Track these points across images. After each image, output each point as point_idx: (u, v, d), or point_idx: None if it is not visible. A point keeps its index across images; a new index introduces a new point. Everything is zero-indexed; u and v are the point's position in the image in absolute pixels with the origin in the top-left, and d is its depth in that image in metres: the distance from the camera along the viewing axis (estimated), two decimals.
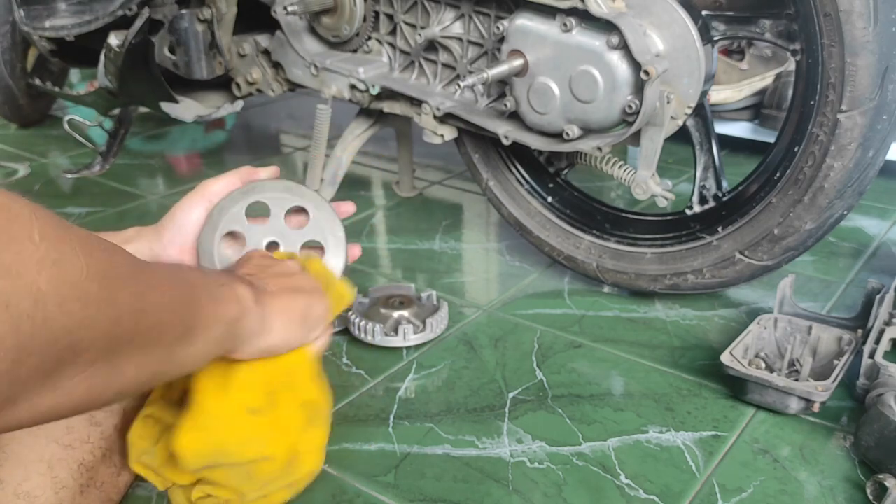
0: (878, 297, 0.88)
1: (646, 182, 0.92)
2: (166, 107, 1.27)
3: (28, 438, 0.63)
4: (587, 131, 0.92)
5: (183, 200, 0.74)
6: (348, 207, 0.82)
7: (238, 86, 1.25)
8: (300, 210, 0.78)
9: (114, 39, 1.16)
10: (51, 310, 0.36)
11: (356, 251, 0.80)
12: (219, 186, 0.75)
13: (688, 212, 1.01)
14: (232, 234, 0.77)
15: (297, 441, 0.66)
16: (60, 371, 0.39)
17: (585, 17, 0.85)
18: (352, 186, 1.46)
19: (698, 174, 0.99)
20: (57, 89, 1.48)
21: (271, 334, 0.61)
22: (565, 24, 0.86)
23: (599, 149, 0.93)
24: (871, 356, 0.82)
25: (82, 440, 0.65)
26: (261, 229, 0.77)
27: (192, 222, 0.74)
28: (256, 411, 0.62)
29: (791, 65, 1.43)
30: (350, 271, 1.15)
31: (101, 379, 0.42)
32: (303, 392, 0.67)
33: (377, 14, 1.08)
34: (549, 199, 1.10)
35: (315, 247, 0.79)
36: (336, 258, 0.78)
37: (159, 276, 0.48)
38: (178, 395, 0.66)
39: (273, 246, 0.78)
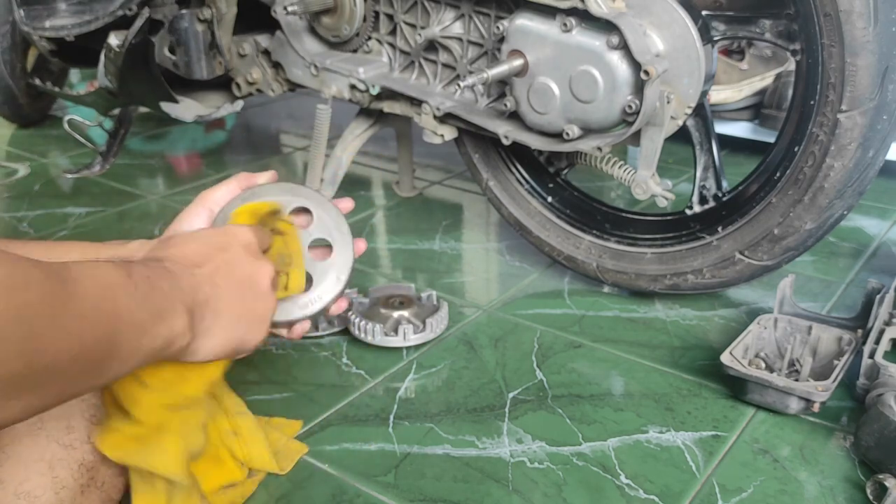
0: (878, 297, 0.88)
1: (646, 182, 0.92)
2: (166, 107, 1.27)
3: (28, 438, 0.63)
4: (587, 131, 0.92)
5: (184, 213, 0.73)
6: (347, 204, 0.81)
7: (238, 86, 1.25)
8: (303, 210, 0.78)
9: (114, 39, 1.16)
10: None
11: (362, 245, 0.79)
12: (219, 194, 0.74)
13: (688, 212, 1.01)
14: None
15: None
16: None
17: (585, 17, 0.85)
18: (352, 186, 1.46)
19: (698, 174, 0.99)
20: (57, 89, 1.47)
21: (193, 356, 0.61)
22: (565, 24, 0.86)
23: (599, 149, 0.93)
24: (871, 356, 0.82)
25: (83, 440, 0.65)
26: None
27: (194, 228, 0.73)
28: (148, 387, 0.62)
29: (791, 65, 1.43)
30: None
31: None
32: (187, 386, 0.65)
33: (377, 14, 1.08)
34: (549, 199, 1.10)
35: (322, 245, 0.79)
36: (343, 254, 0.77)
37: (78, 307, 0.46)
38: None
39: None
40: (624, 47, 0.83)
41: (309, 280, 0.76)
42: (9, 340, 0.40)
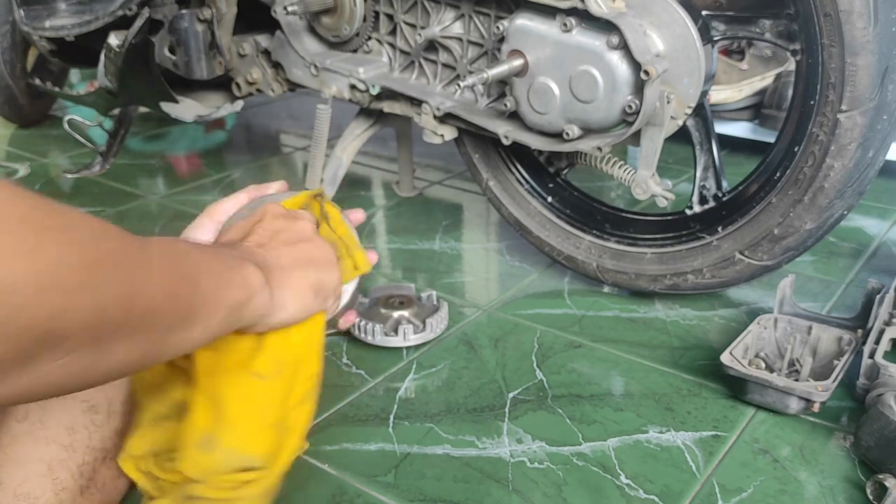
0: (878, 297, 0.88)
1: (646, 182, 0.92)
2: (166, 107, 1.27)
3: (28, 440, 0.63)
4: (587, 131, 0.92)
5: (192, 225, 0.71)
6: (358, 215, 0.80)
7: (238, 86, 1.25)
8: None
9: (114, 39, 1.16)
10: (27, 297, 0.36)
11: (373, 257, 0.78)
12: (227, 206, 0.72)
13: (688, 212, 1.01)
14: None
15: (288, 416, 0.64)
16: (38, 356, 0.38)
17: (585, 17, 0.85)
18: (352, 186, 1.46)
19: (698, 174, 0.99)
20: (57, 89, 1.48)
21: (282, 312, 0.59)
22: (565, 24, 0.86)
23: (599, 149, 0.93)
24: (871, 356, 0.82)
25: (83, 441, 0.65)
26: None
27: (201, 241, 0.71)
28: (262, 376, 0.60)
29: (791, 65, 1.43)
30: None
31: (83, 364, 0.41)
32: (309, 364, 0.65)
33: (377, 14, 1.08)
34: (549, 199, 1.10)
35: None
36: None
37: (157, 260, 0.46)
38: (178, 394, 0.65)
39: None
40: (624, 47, 0.83)
41: None
42: (106, 285, 0.41)
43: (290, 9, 1.07)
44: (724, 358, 0.82)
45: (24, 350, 0.37)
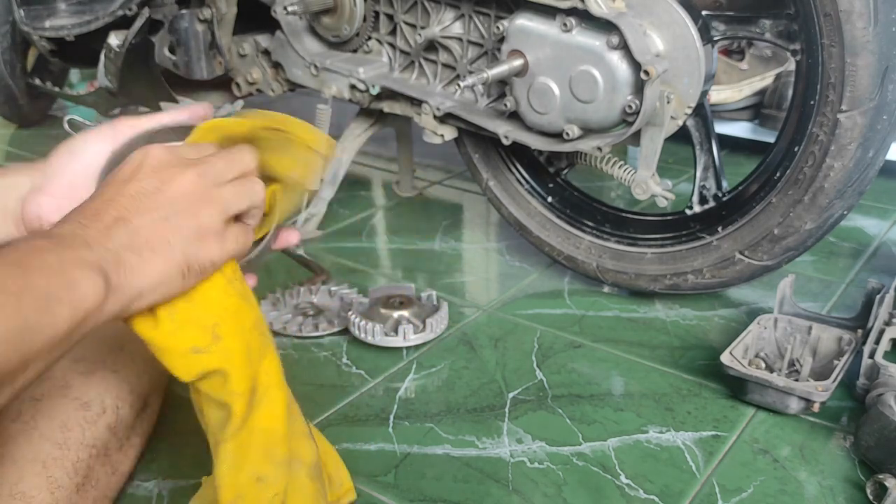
0: (878, 297, 0.88)
1: (646, 182, 0.92)
2: (166, 107, 1.27)
3: (21, 438, 0.63)
4: (587, 131, 0.91)
5: (88, 133, 0.63)
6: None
7: (238, 86, 1.25)
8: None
9: (114, 39, 1.16)
10: None
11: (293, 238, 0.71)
12: (135, 122, 0.63)
13: (688, 212, 1.01)
14: None
15: (258, 371, 0.58)
16: None
17: (585, 17, 0.85)
18: (352, 186, 1.46)
19: (698, 174, 0.99)
20: (57, 89, 1.48)
21: (140, 301, 0.51)
22: (565, 24, 0.86)
23: (599, 149, 0.93)
24: (871, 356, 0.82)
25: (76, 438, 0.65)
26: None
27: (89, 151, 0.61)
28: (201, 350, 0.55)
29: (791, 65, 1.43)
30: (350, 271, 1.15)
31: None
32: (244, 316, 0.58)
33: (377, 14, 1.08)
34: (549, 199, 1.10)
35: None
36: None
37: None
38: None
39: None
40: (624, 47, 0.83)
41: None
42: None
43: (290, 9, 1.07)
44: (724, 358, 0.82)
45: None
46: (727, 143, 1.54)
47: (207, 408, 0.58)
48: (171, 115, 0.63)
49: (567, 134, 0.91)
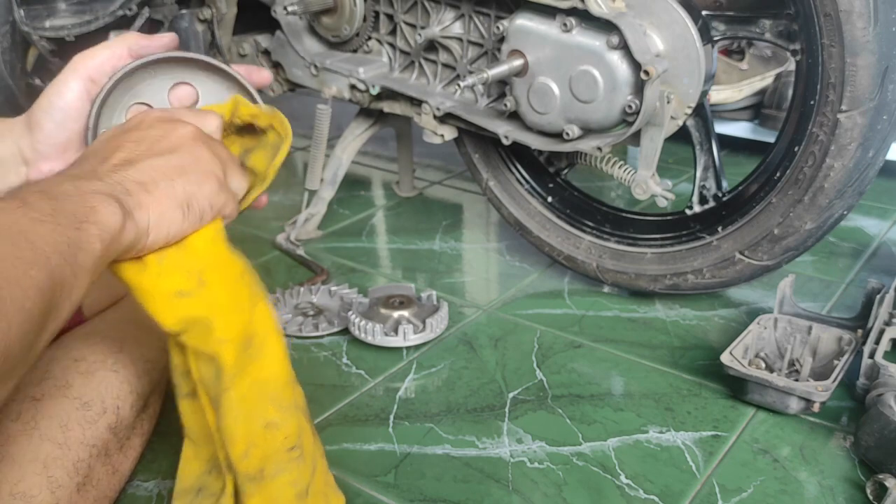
0: (878, 297, 0.88)
1: (646, 182, 0.92)
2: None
3: (22, 438, 0.63)
4: (587, 131, 0.91)
5: (54, 83, 0.60)
6: (263, 74, 0.70)
7: None
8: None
9: None
10: None
11: (263, 77, 0.69)
12: (99, 60, 0.61)
13: (688, 212, 1.01)
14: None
15: (250, 320, 0.58)
16: None
17: (585, 17, 0.85)
18: (352, 186, 1.46)
19: (698, 174, 0.99)
20: None
21: (146, 237, 0.53)
22: (565, 24, 0.86)
23: (599, 149, 0.93)
24: (871, 356, 0.82)
25: (77, 438, 0.65)
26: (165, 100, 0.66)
27: (70, 107, 0.60)
28: (186, 294, 0.55)
29: (791, 65, 1.43)
30: (350, 271, 1.15)
31: None
32: (231, 266, 0.58)
33: (377, 14, 1.08)
34: (549, 199, 1.10)
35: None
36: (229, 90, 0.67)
37: None
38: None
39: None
40: (624, 47, 0.83)
41: None
42: None
43: (290, 9, 1.07)
44: (724, 358, 0.82)
45: None
46: (727, 143, 1.54)
47: (196, 364, 0.58)
48: (129, 41, 0.62)
49: (567, 134, 0.91)
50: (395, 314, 0.97)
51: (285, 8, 1.08)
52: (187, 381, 0.60)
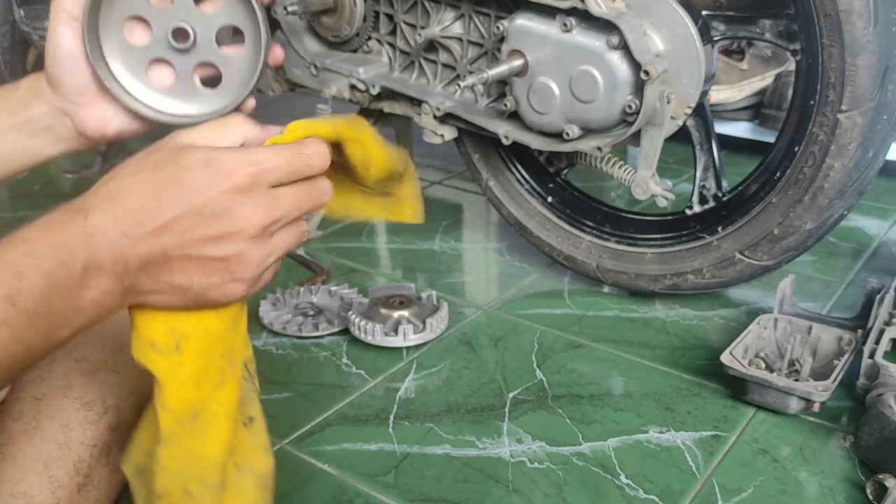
0: (878, 297, 0.88)
1: (646, 182, 0.92)
2: None
3: (23, 438, 0.63)
4: (587, 131, 0.91)
5: (47, 36, 0.59)
6: (276, 52, 0.65)
7: None
8: None
9: None
10: None
11: (278, 52, 0.65)
12: None
13: (688, 212, 1.01)
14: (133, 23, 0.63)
15: (204, 399, 0.56)
16: None
17: (585, 17, 0.85)
18: None
19: (698, 174, 0.99)
20: None
21: (142, 300, 0.51)
22: (565, 24, 0.86)
23: (599, 149, 0.93)
24: (871, 356, 0.82)
25: (77, 438, 0.65)
26: (165, 12, 0.62)
27: (72, 54, 0.59)
28: (157, 349, 0.53)
29: (791, 65, 1.43)
30: (350, 271, 1.15)
31: None
32: (217, 344, 0.56)
33: (377, 14, 1.08)
34: (549, 199, 1.10)
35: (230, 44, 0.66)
36: (254, 52, 0.64)
37: None
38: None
39: (181, 33, 0.63)
40: (624, 47, 0.83)
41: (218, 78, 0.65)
42: None
43: (290, 9, 1.07)
44: (724, 358, 0.82)
45: None
46: (727, 143, 1.54)
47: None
48: None
49: (567, 134, 0.91)
50: (395, 314, 0.97)
51: (285, 8, 1.08)
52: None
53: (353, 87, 1.11)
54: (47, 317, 0.45)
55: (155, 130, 0.67)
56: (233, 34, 0.66)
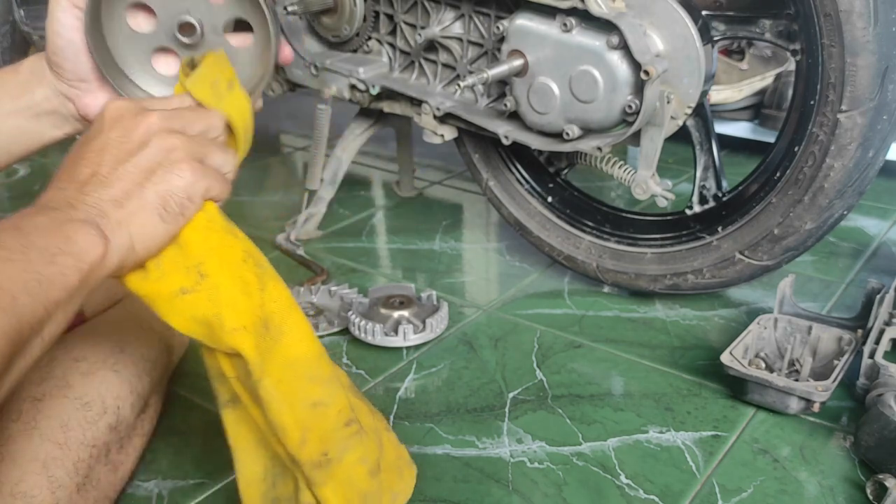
0: (878, 297, 0.88)
1: (646, 182, 0.92)
2: None
3: (22, 438, 0.63)
4: (587, 131, 0.92)
5: (47, 22, 0.60)
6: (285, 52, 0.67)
7: None
8: None
9: None
10: None
11: (287, 52, 0.66)
12: None
13: (688, 212, 1.01)
14: (136, 9, 0.63)
15: (261, 302, 0.56)
16: None
17: (585, 17, 0.85)
18: (352, 186, 1.46)
19: (698, 174, 0.99)
20: None
21: (133, 254, 0.52)
22: (565, 24, 0.86)
23: (599, 149, 0.93)
24: (871, 356, 0.82)
25: (77, 438, 0.65)
26: (170, 1, 0.62)
27: (73, 41, 0.60)
28: (188, 290, 0.54)
29: (791, 65, 1.43)
30: (350, 271, 1.15)
31: None
32: (231, 251, 0.56)
33: (377, 14, 1.08)
34: (549, 199, 1.10)
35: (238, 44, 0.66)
36: (265, 48, 0.64)
37: None
38: None
39: (188, 27, 0.63)
40: (624, 47, 0.83)
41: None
42: None
43: (290, 9, 1.07)
44: (724, 358, 0.82)
45: None
46: (727, 143, 1.54)
47: (228, 362, 0.56)
48: None
49: (567, 134, 0.91)
50: (395, 314, 0.97)
51: (285, 8, 1.08)
52: (225, 387, 0.58)
53: (353, 87, 1.11)
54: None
55: None
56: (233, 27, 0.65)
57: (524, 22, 0.90)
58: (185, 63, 0.61)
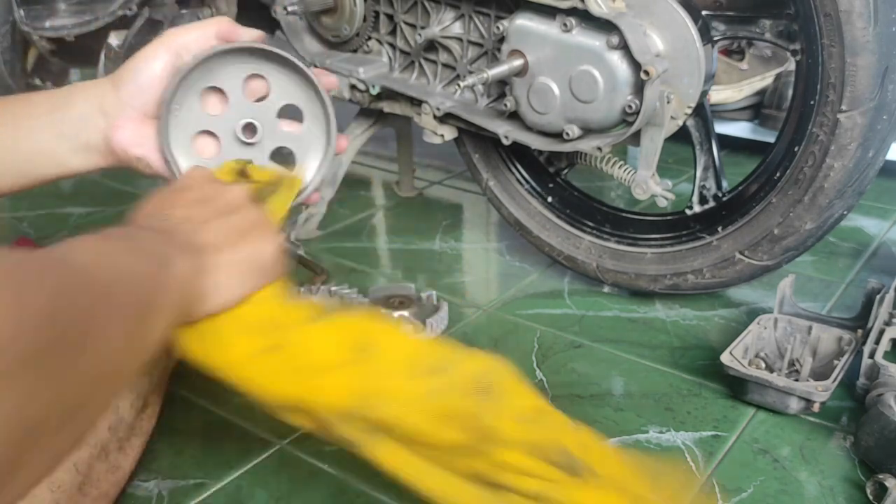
0: (878, 297, 0.88)
1: (646, 182, 0.92)
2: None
3: None
4: (587, 131, 0.91)
5: (144, 50, 0.64)
6: (331, 79, 0.71)
7: None
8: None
9: (114, 39, 1.16)
10: None
11: (343, 143, 0.71)
12: (190, 38, 0.64)
13: (688, 212, 1.01)
14: (209, 93, 0.68)
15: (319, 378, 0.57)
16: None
17: (585, 17, 0.85)
18: (352, 186, 1.45)
19: (698, 174, 0.99)
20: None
21: (216, 298, 0.53)
22: (565, 24, 0.86)
23: (599, 149, 0.93)
24: (871, 356, 0.82)
25: None
26: (243, 101, 0.68)
27: (155, 74, 0.63)
28: (269, 350, 0.55)
29: (791, 65, 1.43)
30: (350, 271, 1.15)
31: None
32: (298, 311, 0.58)
33: (377, 14, 1.08)
34: (549, 199, 1.10)
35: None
36: (317, 137, 0.70)
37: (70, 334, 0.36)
38: None
39: (249, 129, 0.69)
40: (624, 47, 0.83)
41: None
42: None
43: (290, 9, 1.07)
44: (724, 358, 0.82)
45: None
46: (727, 143, 1.54)
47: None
48: (220, 25, 0.67)
49: (567, 134, 0.91)
50: (395, 314, 0.97)
51: (285, 8, 1.08)
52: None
53: (353, 87, 1.11)
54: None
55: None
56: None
57: (524, 22, 0.89)
58: (236, 170, 0.65)
